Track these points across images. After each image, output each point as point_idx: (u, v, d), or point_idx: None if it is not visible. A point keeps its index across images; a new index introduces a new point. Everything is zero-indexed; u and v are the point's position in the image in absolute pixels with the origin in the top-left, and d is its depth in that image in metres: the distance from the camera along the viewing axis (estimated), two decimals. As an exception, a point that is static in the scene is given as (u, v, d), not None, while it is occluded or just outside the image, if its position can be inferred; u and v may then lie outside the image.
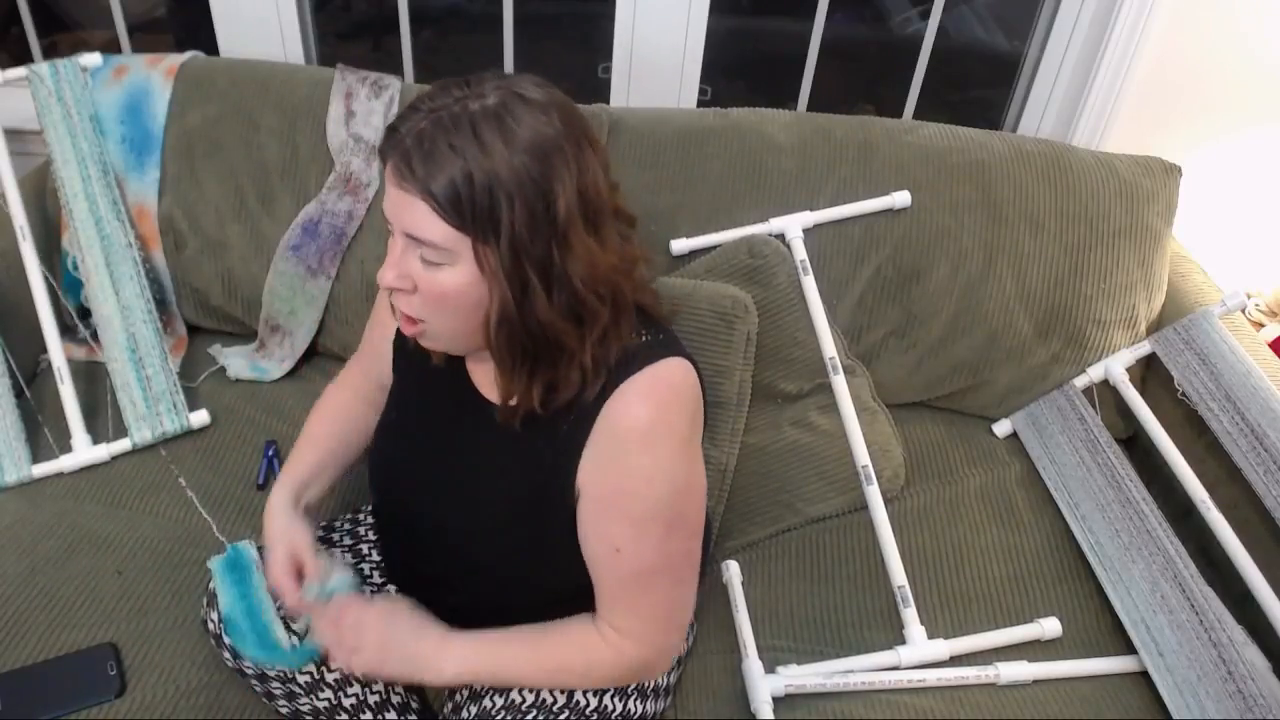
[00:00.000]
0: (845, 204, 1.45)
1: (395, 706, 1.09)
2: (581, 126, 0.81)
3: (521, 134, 0.76)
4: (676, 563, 0.93)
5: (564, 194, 0.78)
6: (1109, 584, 1.22)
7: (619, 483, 0.88)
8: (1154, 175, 1.46)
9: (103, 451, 1.37)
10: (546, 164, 0.77)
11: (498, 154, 0.75)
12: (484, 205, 0.76)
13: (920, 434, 1.48)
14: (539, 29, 1.77)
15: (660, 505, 0.88)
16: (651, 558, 0.90)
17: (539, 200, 0.77)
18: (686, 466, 0.90)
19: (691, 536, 0.94)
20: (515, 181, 0.76)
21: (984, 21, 1.84)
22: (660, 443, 0.87)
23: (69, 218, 1.48)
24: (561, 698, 1.00)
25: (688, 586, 0.97)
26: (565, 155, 0.78)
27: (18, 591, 1.15)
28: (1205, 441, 1.31)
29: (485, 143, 0.75)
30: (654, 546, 0.89)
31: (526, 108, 0.78)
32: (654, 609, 0.93)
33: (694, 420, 0.92)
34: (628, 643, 0.93)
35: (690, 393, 0.91)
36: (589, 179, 0.80)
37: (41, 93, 1.51)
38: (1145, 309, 1.47)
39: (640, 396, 0.86)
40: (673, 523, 0.90)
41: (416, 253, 0.80)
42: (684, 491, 0.90)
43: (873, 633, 1.20)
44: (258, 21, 1.69)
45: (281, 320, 1.53)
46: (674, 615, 0.97)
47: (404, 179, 0.77)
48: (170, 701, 1.07)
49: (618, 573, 0.91)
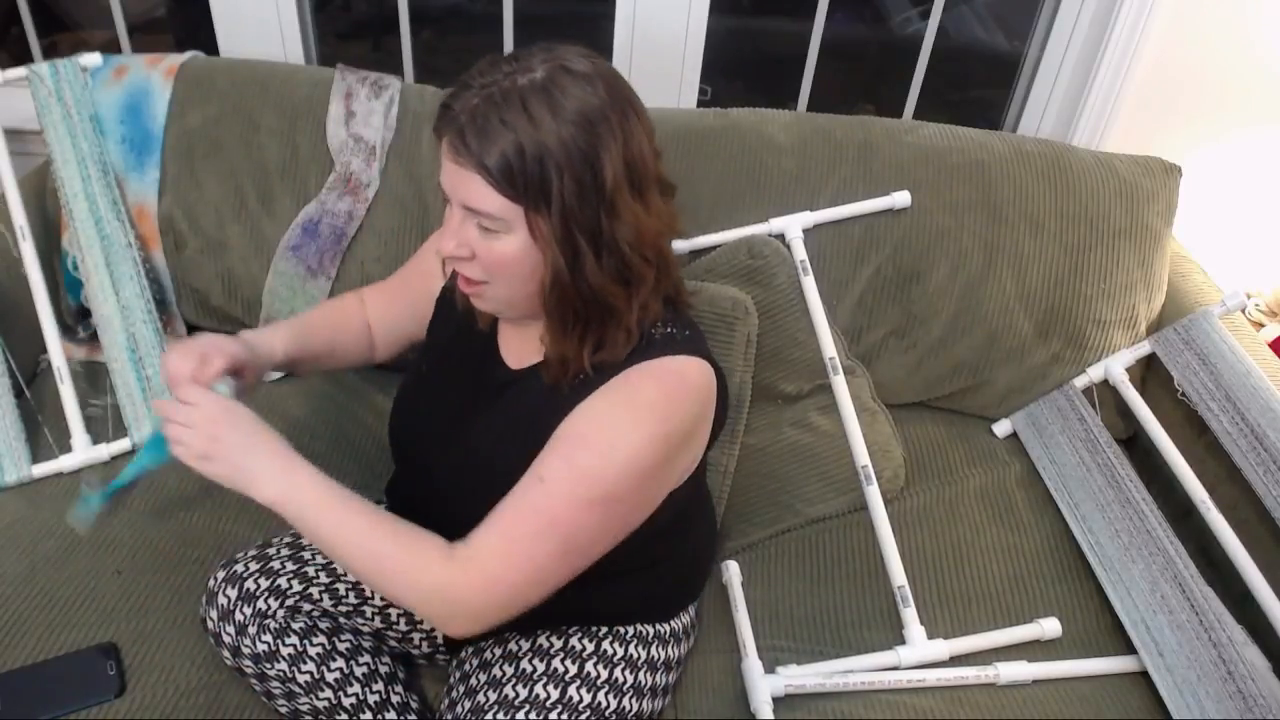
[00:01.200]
0: (845, 204, 1.45)
1: (395, 707, 1.09)
2: (627, 95, 0.84)
3: (569, 106, 0.79)
4: (578, 535, 0.87)
5: (610, 162, 0.81)
6: (1109, 584, 1.22)
7: (586, 429, 0.87)
8: (1154, 175, 1.46)
9: (102, 451, 1.37)
10: (593, 134, 0.80)
11: (546, 126, 0.79)
12: (535, 176, 0.79)
13: (920, 434, 1.48)
14: (539, 29, 1.77)
15: (608, 470, 0.85)
16: (563, 510, 0.85)
17: (586, 169, 0.80)
18: (657, 458, 0.87)
19: (609, 527, 0.89)
20: (564, 152, 0.79)
21: (984, 21, 1.84)
22: (646, 419, 0.87)
23: (69, 218, 1.48)
24: (556, 692, 1.00)
25: (562, 571, 0.88)
26: (611, 124, 0.81)
27: (17, 591, 1.15)
28: (1205, 441, 1.31)
29: (534, 116, 0.79)
30: (574, 502, 0.85)
31: (572, 80, 0.81)
32: (526, 560, 0.85)
33: (695, 423, 0.91)
34: (473, 572, 0.85)
35: (700, 394, 0.91)
36: (634, 147, 0.83)
37: (41, 93, 1.51)
38: (1145, 309, 1.47)
39: (650, 375, 0.88)
40: (606, 496, 0.86)
41: (474, 222, 0.84)
42: (638, 475, 0.87)
43: (872, 633, 1.20)
44: (258, 21, 1.70)
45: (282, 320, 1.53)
46: (530, 584, 0.87)
47: (459, 154, 0.81)
48: (170, 701, 1.07)
49: (525, 501, 0.86)
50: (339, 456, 1.41)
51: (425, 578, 0.85)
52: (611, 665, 1.03)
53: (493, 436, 0.99)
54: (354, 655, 1.07)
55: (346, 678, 1.06)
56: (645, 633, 1.07)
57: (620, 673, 1.03)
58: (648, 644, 1.07)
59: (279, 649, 1.02)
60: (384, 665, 1.10)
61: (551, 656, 1.03)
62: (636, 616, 1.07)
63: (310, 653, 1.04)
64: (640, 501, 0.91)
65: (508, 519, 0.87)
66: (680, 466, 0.94)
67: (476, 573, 0.85)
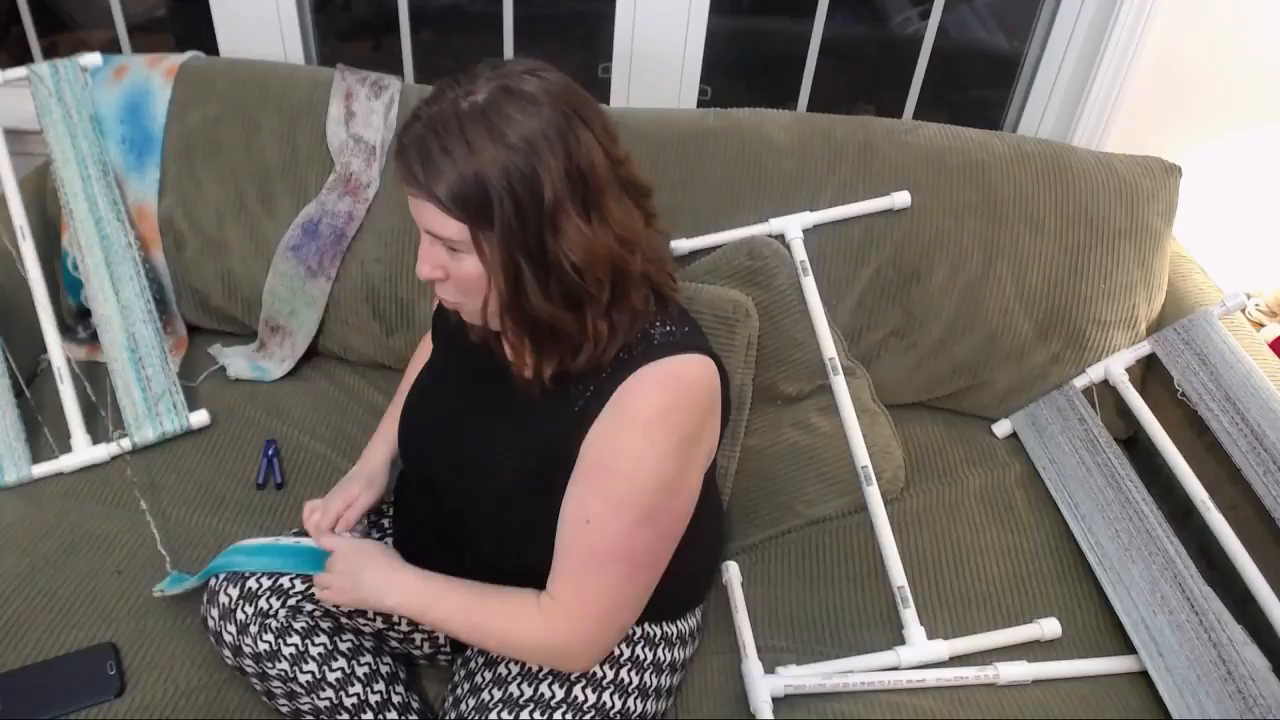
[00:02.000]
0: (845, 204, 1.45)
1: (396, 707, 1.09)
2: (574, 108, 0.83)
3: (506, 129, 0.80)
4: (638, 556, 0.93)
5: (551, 182, 0.81)
6: (1109, 584, 1.22)
7: (609, 459, 0.89)
8: (1154, 175, 1.46)
9: (102, 451, 1.37)
10: (531, 155, 0.80)
11: (485, 153, 0.80)
12: (476, 201, 0.81)
13: (920, 434, 1.48)
14: (539, 29, 1.77)
15: (641, 493, 0.89)
16: (616, 541, 0.90)
17: (526, 191, 0.81)
18: (678, 465, 0.90)
19: (661, 537, 0.94)
20: (502, 176, 0.80)
21: (984, 21, 1.84)
22: (658, 432, 0.88)
23: (69, 218, 1.48)
24: (560, 691, 1.00)
25: (639, 588, 0.96)
26: (551, 142, 0.81)
27: (18, 591, 1.15)
28: (1205, 442, 1.31)
29: (473, 143, 0.80)
30: (622, 531, 0.90)
31: (512, 100, 0.81)
32: (601, 594, 0.93)
33: (704, 421, 0.92)
34: (561, 619, 0.93)
35: (704, 392, 0.92)
36: (580, 160, 0.82)
37: (41, 93, 1.51)
38: (1145, 309, 1.47)
39: (653, 384, 0.89)
40: (648, 514, 0.90)
41: (440, 245, 0.87)
42: (668, 488, 0.91)
43: (872, 633, 1.20)
44: (258, 21, 1.69)
45: (282, 320, 1.53)
46: (616, 610, 0.95)
47: (410, 185, 0.84)
48: (170, 701, 1.07)
49: (580, 544, 0.92)
50: (339, 456, 1.41)
51: (527, 639, 0.94)
52: (617, 665, 1.03)
53: (498, 450, 0.99)
54: (355, 655, 1.07)
55: (348, 677, 1.06)
56: (652, 634, 1.07)
57: (626, 673, 1.03)
58: (654, 645, 1.07)
59: (280, 648, 1.02)
60: (385, 665, 1.10)
61: None
62: (644, 616, 1.07)
63: (312, 652, 1.04)
64: (678, 506, 0.95)
65: (572, 564, 0.93)
66: (700, 462, 0.96)
67: (562, 619, 0.93)
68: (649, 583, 0.96)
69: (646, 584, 0.96)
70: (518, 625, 0.94)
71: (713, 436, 0.97)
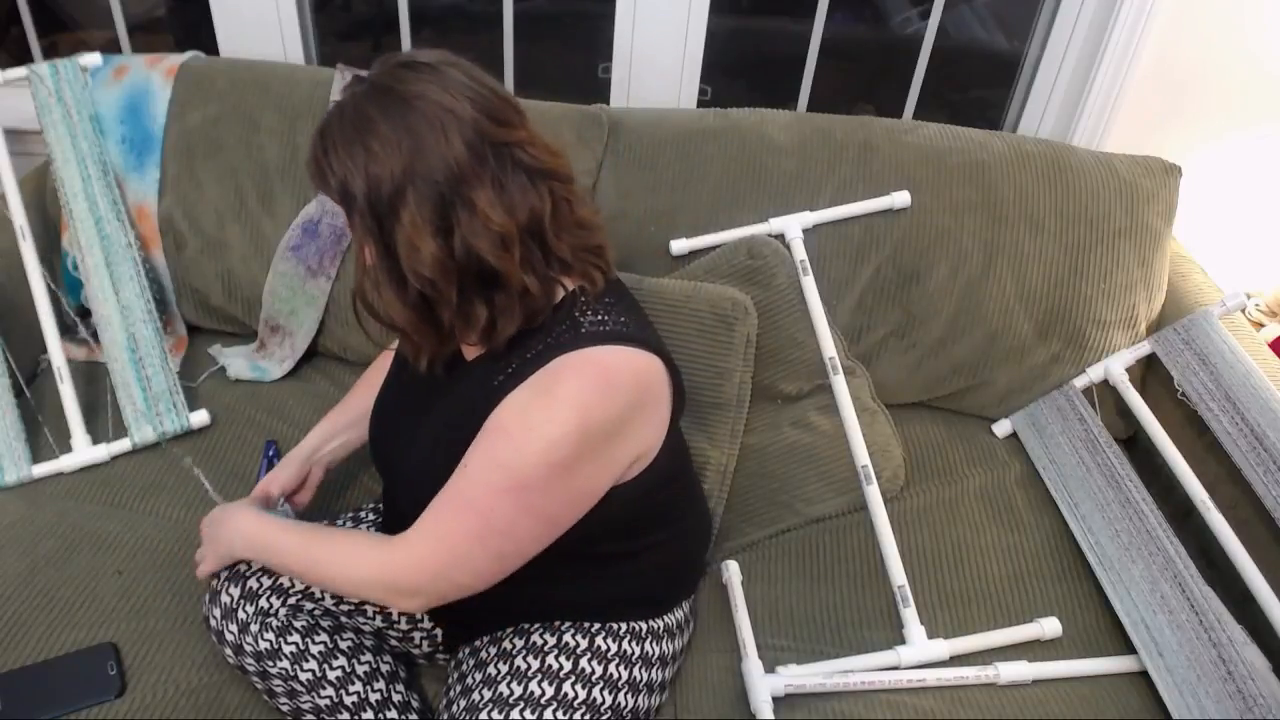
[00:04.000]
0: (845, 204, 1.45)
1: (396, 705, 1.09)
2: (436, 105, 0.84)
3: (354, 133, 0.84)
4: (495, 521, 0.89)
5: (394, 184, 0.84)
6: (1109, 584, 1.22)
7: (506, 420, 0.90)
8: (1154, 175, 1.46)
9: (102, 451, 1.37)
10: (369, 158, 0.84)
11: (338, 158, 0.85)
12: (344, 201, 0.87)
13: (920, 434, 1.48)
14: (539, 29, 1.77)
15: (522, 460, 0.87)
16: (479, 494, 0.89)
17: (366, 201, 0.85)
18: (574, 453, 0.87)
19: (530, 514, 0.90)
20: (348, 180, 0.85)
21: (984, 21, 1.84)
22: (562, 414, 0.87)
23: (69, 218, 1.48)
24: (550, 689, 1.00)
25: (489, 554, 0.92)
26: (392, 143, 0.83)
27: (18, 591, 1.15)
28: (1205, 441, 1.31)
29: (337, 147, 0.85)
30: (489, 488, 0.89)
31: (367, 99, 0.85)
32: (448, 538, 0.91)
33: (621, 415, 0.90)
34: (403, 550, 0.93)
35: (626, 384, 0.90)
36: (431, 161, 0.84)
37: (41, 93, 1.51)
38: (1145, 309, 1.47)
39: (570, 369, 0.89)
40: (522, 485, 0.88)
41: None
42: (553, 468, 0.87)
43: (872, 632, 1.20)
44: (258, 21, 1.70)
45: (282, 320, 1.53)
46: (456, 563, 0.92)
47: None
48: (170, 701, 1.07)
49: (451, 486, 0.92)
50: (339, 456, 1.41)
51: (364, 570, 0.94)
52: (606, 661, 1.03)
53: (438, 429, 1.00)
54: (356, 654, 1.07)
55: (348, 676, 1.06)
56: (639, 629, 1.07)
57: (615, 668, 1.03)
58: (641, 640, 1.07)
59: (281, 647, 1.03)
60: (385, 664, 1.10)
61: (546, 654, 1.03)
62: (628, 611, 1.07)
63: (312, 651, 1.04)
64: (561, 493, 0.91)
65: (437, 504, 0.93)
66: (617, 459, 0.93)
67: (404, 555, 0.93)
68: (500, 553, 0.92)
69: (497, 552, 0.92)
70: (354, 558, 0.95)
71: (643, 434, 0.94)
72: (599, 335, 0.91)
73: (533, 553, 0.93)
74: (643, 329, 0.97)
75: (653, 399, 0.94)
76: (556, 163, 0.91)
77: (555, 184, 0.91)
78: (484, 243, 0.85)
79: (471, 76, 0.88)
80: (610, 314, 0.94)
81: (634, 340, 0.92)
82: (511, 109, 0.89)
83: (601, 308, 0.94)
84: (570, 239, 0.93)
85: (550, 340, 0.91)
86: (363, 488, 1.37)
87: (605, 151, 1.50)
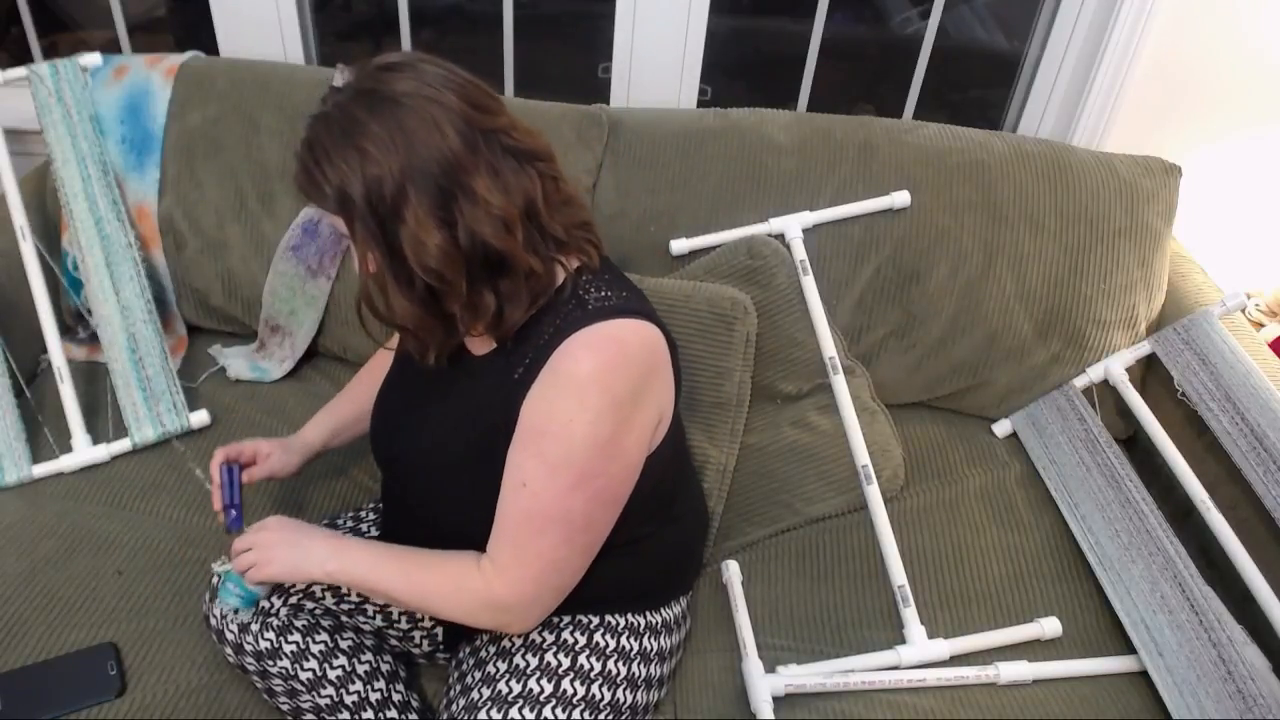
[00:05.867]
0: (845, 204, 1.45)
1: (396, 705, 1.09)
2: (425, 100, 0.84)
3: (346, 138, 0.84)
4: (575, 519, 0.92)
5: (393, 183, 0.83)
6: (1109, 584, 1.22)
7: (543, 422, 0.90)
8: (1154, 175, 1.46)
9: (103, 451, 1.37)
10: (364, 158, 0.83)
11: (332, 163, 0.84)
12: (340, 207, 0.86)
13: (920, 434, 1.48)
14: (539, 29, 1.77)
15: (575, 454, 0.89)
16: (551, 503, 0.90)
17: (366, 204, 0.84)
18: (614, 427, 0.90)
19: (598, 500, 0.93)
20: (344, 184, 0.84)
21: (984, 21, 1.84)
22: (591, 395, 0.88)
23: (69, 218, 1.48)
24: (549, 686, 1.00)
25: (577, 551, 0.95)
26: (384, 142, 0.83)
27: (18, 591, 1.15)
28: (1205, 441, 1.31)
29: (329, 154, 0.84)
30: (558, 493, 0.90)
31: (356, 103, 0.84)
32: (538, 556, 0.93)
33: (642, 383, 0.92)
34: (499, 580, 0.93)
35: (639, 353, 0.92)
36: (423, 156, 0.83)
37: (41, 93, 1.51)
38: (1145, 309, 1.47)
39: (585, 348, 0.90)
40: (583, 477, 0.90)
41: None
42: (603, 449, 0.90)
43: (873, 632, 1.20)
44: (258, 21, 1.70)
45: (282, 320, 1.53)
46: (553, 573, 0.95)
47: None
48: (170, 701, 1.07)
49: (517, 506, 0.92)
50: (339, 456, 1.40)
51: (470, 599, 0.95)
52: (604, 657, 1.03)
53: (446, 424, 1.01)
54: (356, 653, 1.08)
55: (349, 675, 1.06)
56: (636, 624, 1.07)
57: (614, 665, 1.03)
58: (639, 635, 1.07)
59: (282, 646, 1.03)
60: (385, 664, 1.10)
61: (544, 651, 1.03)
62: (625, 604, 1.07)
63: (313, 650, 1.04)
64: (616, 470, 0.93)
65: (510, 527, 0.93)
66: (646, 424, 0.95)
67: (500, 579, 0.93)
68: (587, 546, 0.96)
69: (584, 547, 0.96)
70: (460, 587, 0.95)
71: (658, 398, 0.96)
72: (605, 310, 0.92)
73: (607, 535, 0.97)
74: (642, 301, 0.99)
75: (662, 364, 0.96)
76: (538, 143, 0.92)
77: (540, 164, 0.92)
78: (488, 229, 0.86)
79: (446, 69, 0.88)
80: (612, 289, 0.96)
81: (638, 313, 0.94)
82: (490, 96, 0.90)
83: (603, 284, 0.96)
84: (562, 217, 0.94)
85: (560, 322, 0.92)
86: (361, 488, 1.38)
87: (605, 151, 1.50)
